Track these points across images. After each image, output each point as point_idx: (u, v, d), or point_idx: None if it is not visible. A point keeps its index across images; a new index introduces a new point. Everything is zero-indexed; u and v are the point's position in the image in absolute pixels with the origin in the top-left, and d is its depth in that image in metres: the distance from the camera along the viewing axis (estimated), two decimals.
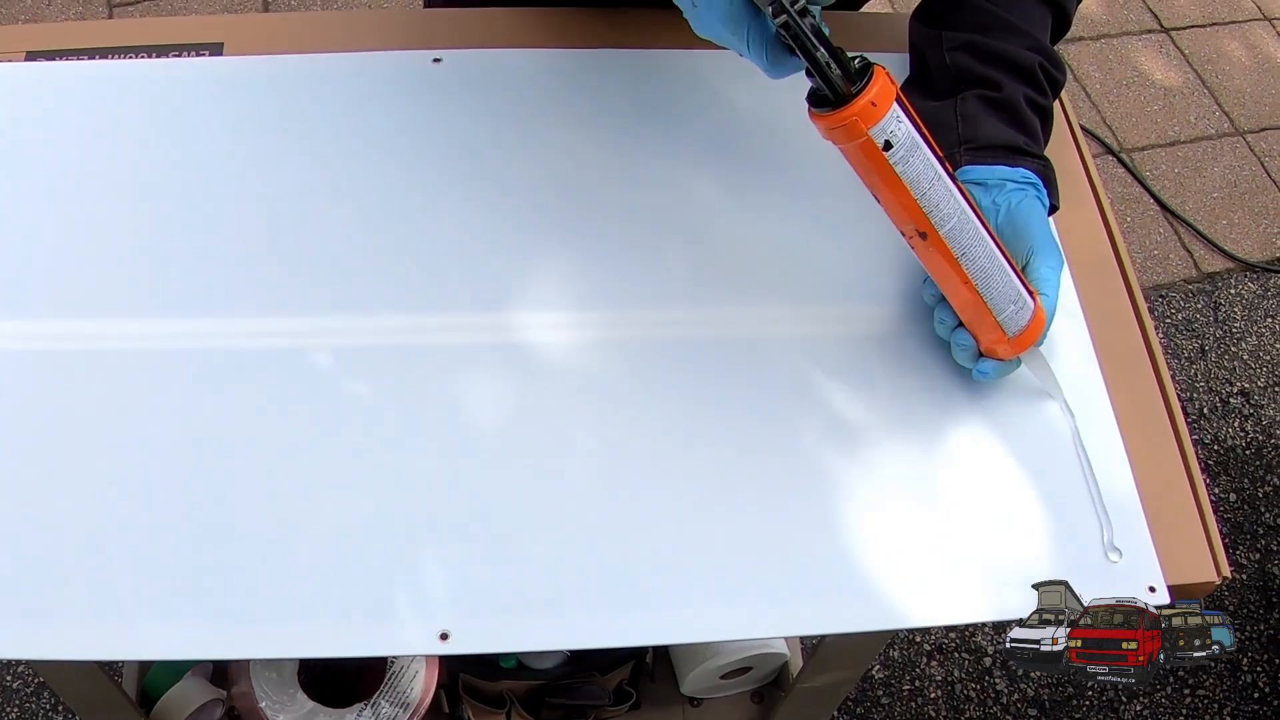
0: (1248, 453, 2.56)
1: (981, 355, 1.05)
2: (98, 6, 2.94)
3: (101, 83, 1.19)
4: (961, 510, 1.00)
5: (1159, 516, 1.01)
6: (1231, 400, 2.63)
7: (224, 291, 1.06)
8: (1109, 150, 2.97)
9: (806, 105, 0.92)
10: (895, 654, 2.25)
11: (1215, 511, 2.38)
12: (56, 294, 1.05)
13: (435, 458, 0.99)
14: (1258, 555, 2.45)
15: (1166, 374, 1.10)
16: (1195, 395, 2.63)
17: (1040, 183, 1.08)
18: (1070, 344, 1.10)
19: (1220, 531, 2.36)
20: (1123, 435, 1.05)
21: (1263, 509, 2.50)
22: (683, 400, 1.04)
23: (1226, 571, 1.00)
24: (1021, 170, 1.07)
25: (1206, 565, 1.00)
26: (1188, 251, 2.83)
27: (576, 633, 0.94)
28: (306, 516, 0.96)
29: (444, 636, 0.91)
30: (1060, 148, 1.24)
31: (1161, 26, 3.30)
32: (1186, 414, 2.59)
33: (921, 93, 1.16)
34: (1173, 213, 2.88)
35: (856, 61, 0.89)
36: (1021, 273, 1.01)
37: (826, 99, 0.89)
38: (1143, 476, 1.03)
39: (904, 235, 0.97)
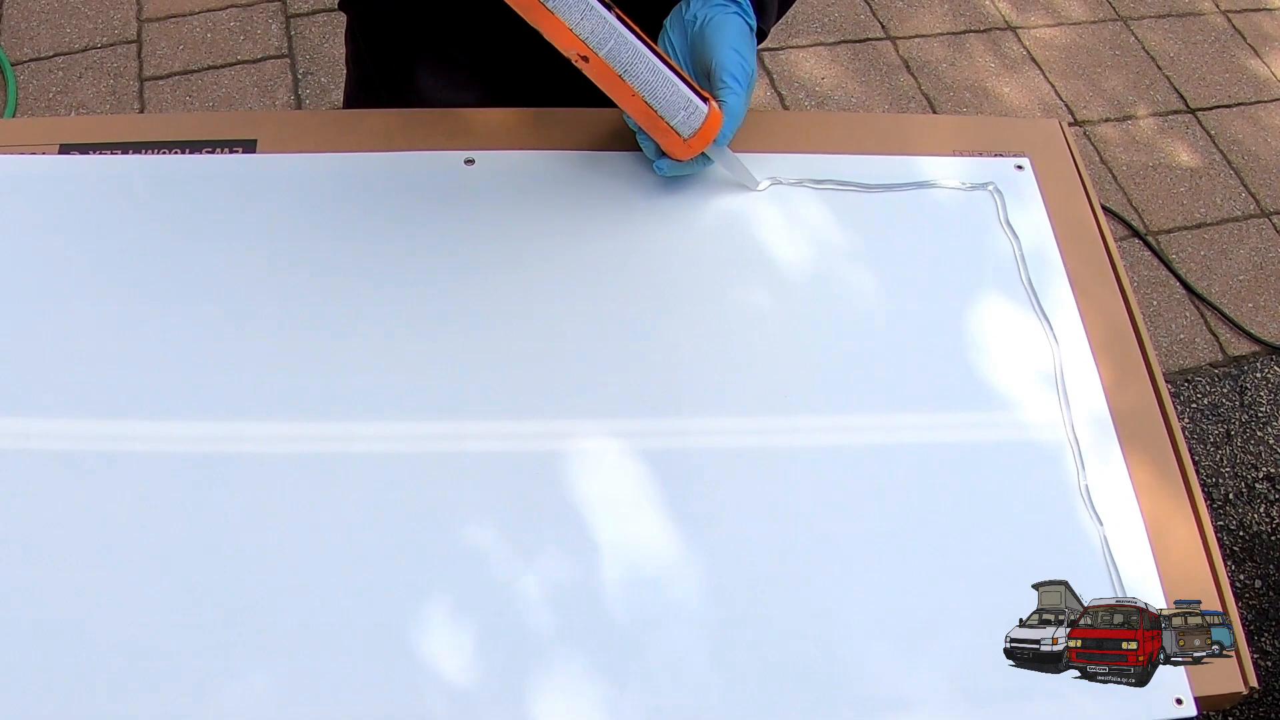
0: (1273, 538, 2.55)
1: (663, 154, 1.20)
2: (128, 80, 2.95)
3: (134, 178, 1.19)
4: (988, 622, 1.00)
5: None
6: (1257, 485, 2.62)
7: (252, 394, 1.06)
8: (1135, 233, 2.97)
9: None
10: None
11: (1240, 598, 2.39)
12: (83, 393, 1.05)
13: (472, 567, 0.99)
14: None
15: (1192, 471, 1.10)
16: (1221, 481, 2.62)
17: (747, 5, 1.20)
18: (1097, 444, 1.10)
19: (1245, 619, 2.36)
20: (1150, 540, 1.05)
21: None
22: (705, 512, 1.04)
23: (1254, 681, 1.00)
24: None
25: (1234, 676, 1.00)
26: (1214, 335, 2.83)
27: None
28: (327, 625, 0.96)
29: None
30: (1082, 230, 1.26)
31: (1188, 107, 3.31)
32: (1212, 499, 2.58)
33: None
34: (1199, 296, 2.88)
35: None
36: (693, 81, 1.15)
37: None
38: (1170, 585, 1.03)
39: (572, 60, 1.11)
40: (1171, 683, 0.98)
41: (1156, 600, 1.02)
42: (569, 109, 1.26)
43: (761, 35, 1.22)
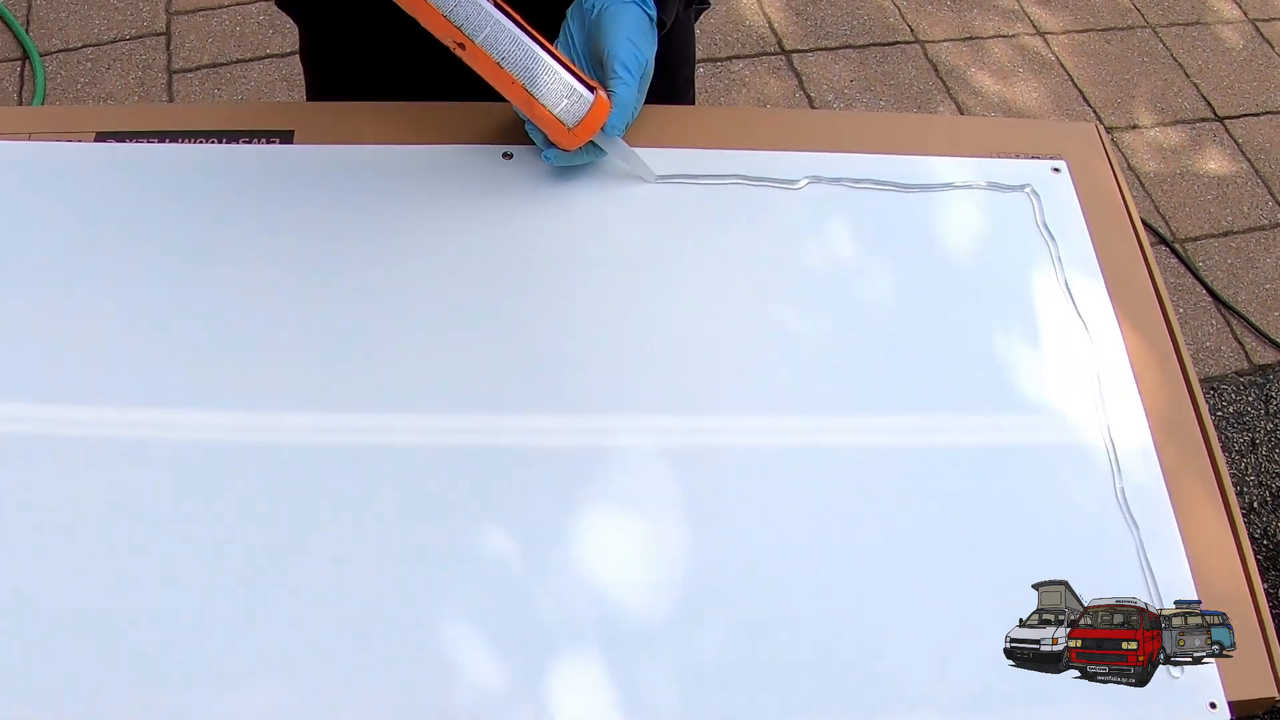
0: None
1: (551, 144, 1.19)
2: (157, 72, 2.96)
3: (170, 167, 1.19)
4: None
5: None
6: None
7: (287, 385, 1.07)
8: (1162, 240, 2.96)
9: None
10: None
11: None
12: (116, 381, 1.06)
13: (499, 562, 0.99)
14: None
15: (1227, 477, 1.10)
16: (1246, 489, 2.61)
17: None
18: (1133, 448, 1.10)
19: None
20: (1185, 545, 1.05)
21: None
22: (728, 513, 1.04)
23: None
24: None
25: (1267, 681, 1.00)
26: (1240, 343, 2.82)
27: None
28: (355, 616, 0.96)
29: None
30: (1119, 233, 1.26)
31: (1215, 115, 3.30)
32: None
33: None
34: (1225, 304, 2.87)
35: None
36: (579, 70, 1.16)
37: None
38: (1205, 590, 1.03)
39: (451, 49, 1.12)
40: (1205, 687, 0.98)
41: (1190, 597, 1.02)
42: None
43: (662, 26, 1.21)
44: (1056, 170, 1.29)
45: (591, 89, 1.14)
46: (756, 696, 0.95)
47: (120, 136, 1.22)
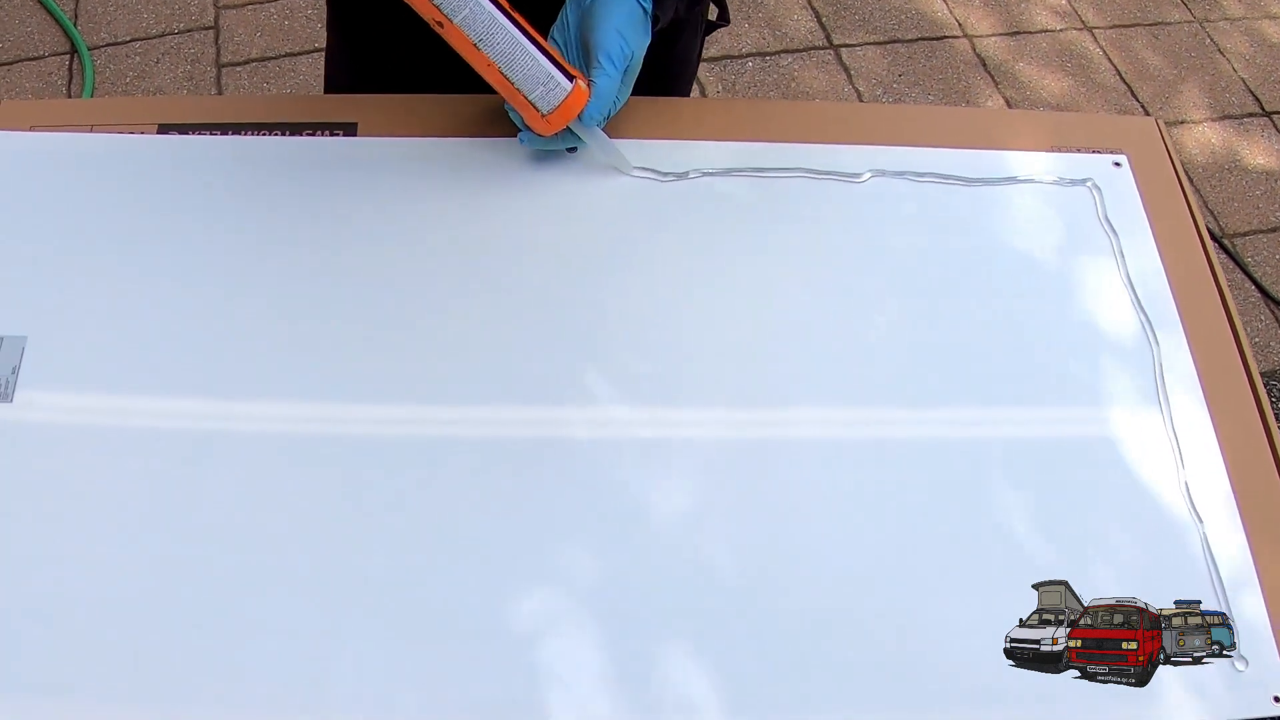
0: None
1: (527, 126, 1.18)
2: (205, 66, 2.97)
3: (233, 159, 1.20)
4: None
5: None
6: None
7: (353, 376, 1.08)
8: (1211, 235, 2.94)
9: None
10: None
11: None
12: (179, 372, 1.06)
13: (563, 552, 1.00)
14: None
15: None
16: None
17: None
18: (1197, 443, 1.10)
19: None
20: (1248, 538, 1.05)
21: None
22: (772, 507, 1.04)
23: None
24: None
25: None
26: None
27: None
28: (426, 609, 0.96)
29: None
30: (1180, 228, 1.26)
31: (1263, 110, 3.28)
32: None
33: None
34: (1274, 299, 2.85)
35: None
36: (561, 58, 1.15)
37: None
38: (1269, 582, 1.02)
39: (431, 27, 1.12)
40: (1270, 681, 0.98)
41: (1256, 599, 1.01)
42: (668, 99, 1.26)
43: (656, 22, 1.20)
44: (1118, 165, 1.28)
45: (571, 77, 1.14)
46: (818, 688, 0.95)
47: (183, 129, 1.22)
